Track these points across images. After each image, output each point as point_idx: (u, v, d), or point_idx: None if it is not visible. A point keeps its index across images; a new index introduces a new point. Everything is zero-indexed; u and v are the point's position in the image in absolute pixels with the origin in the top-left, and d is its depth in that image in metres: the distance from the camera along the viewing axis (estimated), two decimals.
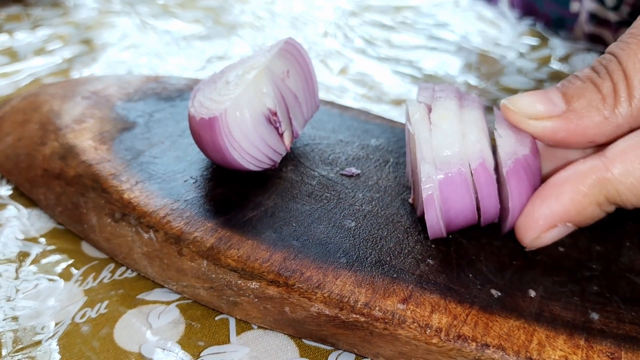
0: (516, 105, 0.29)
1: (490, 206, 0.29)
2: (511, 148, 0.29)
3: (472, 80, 0.57)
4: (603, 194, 0.27)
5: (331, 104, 0.44)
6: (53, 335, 0.29)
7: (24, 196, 0.38)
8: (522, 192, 0.29)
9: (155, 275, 0.32)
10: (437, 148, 0.29)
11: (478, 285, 0.28)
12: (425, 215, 0.29)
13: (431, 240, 0.30)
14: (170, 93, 0.43)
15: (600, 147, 0.29)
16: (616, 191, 0.27)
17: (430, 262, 0.29)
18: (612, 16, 0.27)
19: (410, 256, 0.29)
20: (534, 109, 0.29)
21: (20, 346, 0.29)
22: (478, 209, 0.30)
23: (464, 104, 0.30)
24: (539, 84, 0.57)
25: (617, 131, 0.28)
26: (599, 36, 0.61)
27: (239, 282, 0.29)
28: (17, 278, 0.33)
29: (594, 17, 0.61)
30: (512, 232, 0.30)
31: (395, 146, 0.38)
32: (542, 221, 0.28)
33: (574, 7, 0.63)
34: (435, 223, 0.29)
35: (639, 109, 0.27)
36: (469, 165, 0.29)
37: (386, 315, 0.26)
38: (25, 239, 0.35)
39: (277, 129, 0.35)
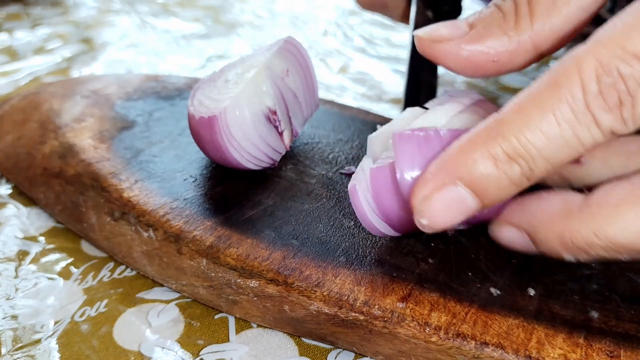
0: (423, 32, 0.29)
1: None
2: (428, 122, 0.28)
3: (472, 79, 0.57)
4: (497, 143, 0.24)
5: (331, 102, 0.44)
6: (52, 334, 0.29)
7: (23, 195, 0.38)
8: (414, 153, 0.26)
9: (155, 274, 0.32)
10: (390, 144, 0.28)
11: (477, 283, 0.28)
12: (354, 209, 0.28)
13: (429, 238, 0.30)
14: (170, 92, 0.43)
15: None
16: (513, 141, 0.23)
17: (430, 260, 0.29)
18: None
19: (409, 255, 0.29)
20: (438, 33, 0.28)
21: (20, 345, 0.29)
22: None
23: (471, 109, 0.29)
24: None
25: (520, 49, 0.27)
26: None
27: (239, 280, 0.29)
28: (16, 277, 0.33)
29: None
30: None
31: None
32: (431, 175, 0.25)
33: None
34: (364, 217, 0.28)
35: (541, 24, 0.27)
36: None
37: (385, 314, 0.26)
38: (25, 238, 0.35)
39: (276, 127, 0.35)
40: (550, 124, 0.23)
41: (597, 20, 0.31)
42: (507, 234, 0.28)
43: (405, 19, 0.48)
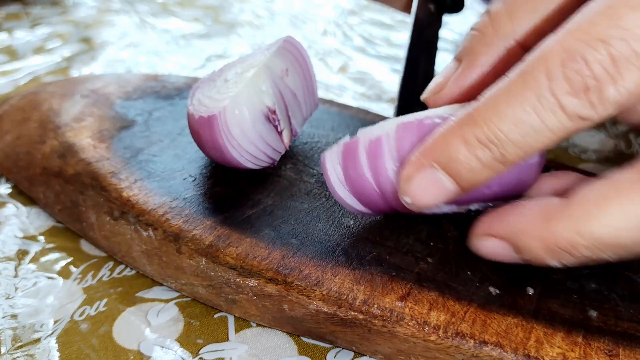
0: (425, 92, 0.30)
1: (385, 182, 0.28)
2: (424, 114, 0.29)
3: None
4: (471, 130, 0.24)
5: (330, 102, 0.44)
6: (52, 333, 0.29)
7: (23, 194, 0.38)
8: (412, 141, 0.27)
9: (154, 273, 0.32)
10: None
11: (476, 282, 0.28)
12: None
13: (428, 237, 0.30)
14: (170, 91, 0.43)
15: None
16: (483, 127, 0.24)
17: (429, 259, 0.29)
18: None
19: (408, 254, 0.29)
20: (435, 84, 0.30)
21: (20, 344, 0.29)
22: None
23: None
24: None
25: (510, 54, 0.28)
26: None
27: (238, 279, 0.29)
28: (16, 276, 0.33)
29: None
30: None
31: None
32: (413, 157, 0.26)
33: None
34: (332, 188, 0.29)
35: (523, 24, 0.27)
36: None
37: (384, 313, 0.27)
38: (25, 237, 0.35)
39: (276, 127, 0.35)
40: (516, 111, 0.23)
41: None
42: (489, 245, 0.27)
43: (407, 9, 0.48)
